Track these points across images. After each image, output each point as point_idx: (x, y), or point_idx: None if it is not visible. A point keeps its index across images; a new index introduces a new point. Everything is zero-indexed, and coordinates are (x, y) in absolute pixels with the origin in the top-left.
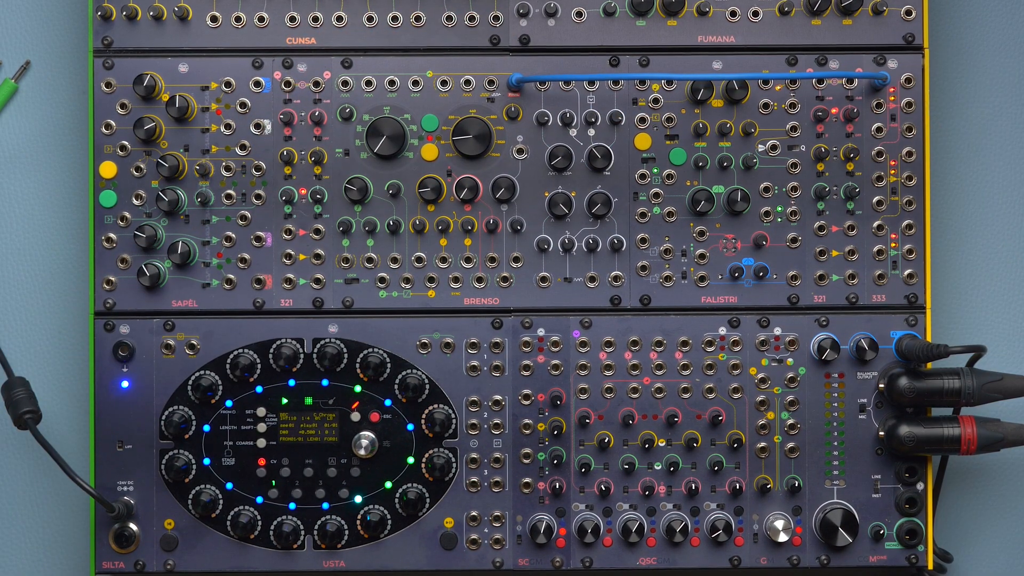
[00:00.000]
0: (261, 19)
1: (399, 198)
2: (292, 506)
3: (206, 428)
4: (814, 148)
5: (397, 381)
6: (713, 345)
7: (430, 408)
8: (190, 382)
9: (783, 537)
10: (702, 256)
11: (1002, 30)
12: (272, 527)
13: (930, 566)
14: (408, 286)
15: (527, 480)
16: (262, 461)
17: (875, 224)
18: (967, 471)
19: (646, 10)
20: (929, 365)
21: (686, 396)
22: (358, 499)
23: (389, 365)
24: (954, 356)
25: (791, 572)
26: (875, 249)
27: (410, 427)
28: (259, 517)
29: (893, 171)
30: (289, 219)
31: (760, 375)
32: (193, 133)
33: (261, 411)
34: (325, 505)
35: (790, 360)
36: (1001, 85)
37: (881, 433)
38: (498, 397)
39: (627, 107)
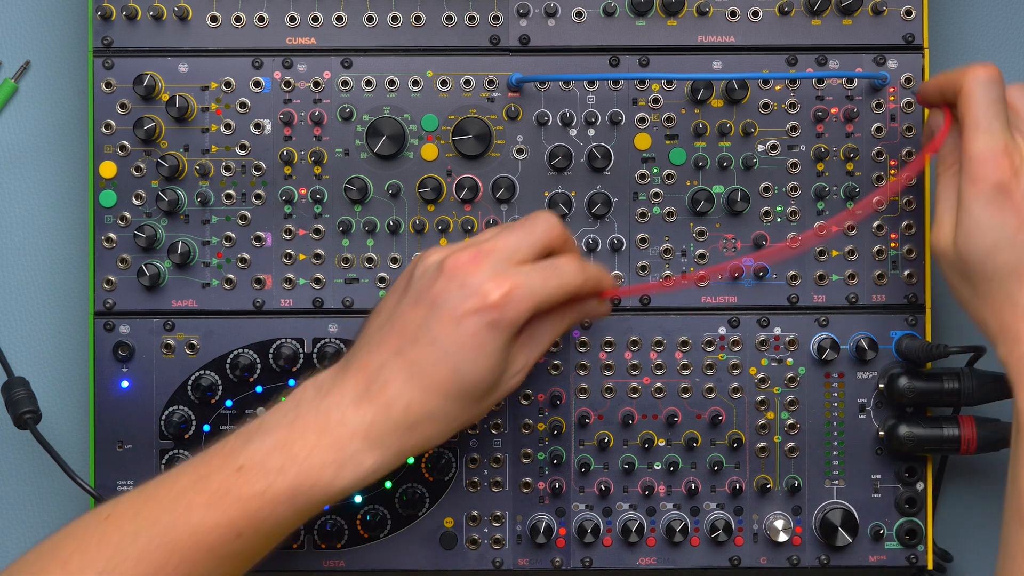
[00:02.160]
0: (261, 19)
1: (399, 198)
2: None
3: (206, 428)
4: (814, 148)
5: None
6: (713, 345)
7: None
8: (190, 382)
9: (783, 537)
10: (702, 256)
11: (1002, 30)
12: None
13: (930, 566)
14: None
15: (527, 480)
16: None
17: (875, 224)
18: (967, 471)
19: (646, 10)
20: (929, 365)
21: (686, 396)
22: (358, 499)
23: None
24: (954, 356)
25: (791, 572)
26: (875, 249)
27: None
28: None
29: (893, 171)
30: (289, 219)
31: (760, 375)
32: (193, 133)
33: (261, 411)
34: (325, 505)
35: (790, 360)
36: None
37: (881, 433)
38: None
39: (627, 107)
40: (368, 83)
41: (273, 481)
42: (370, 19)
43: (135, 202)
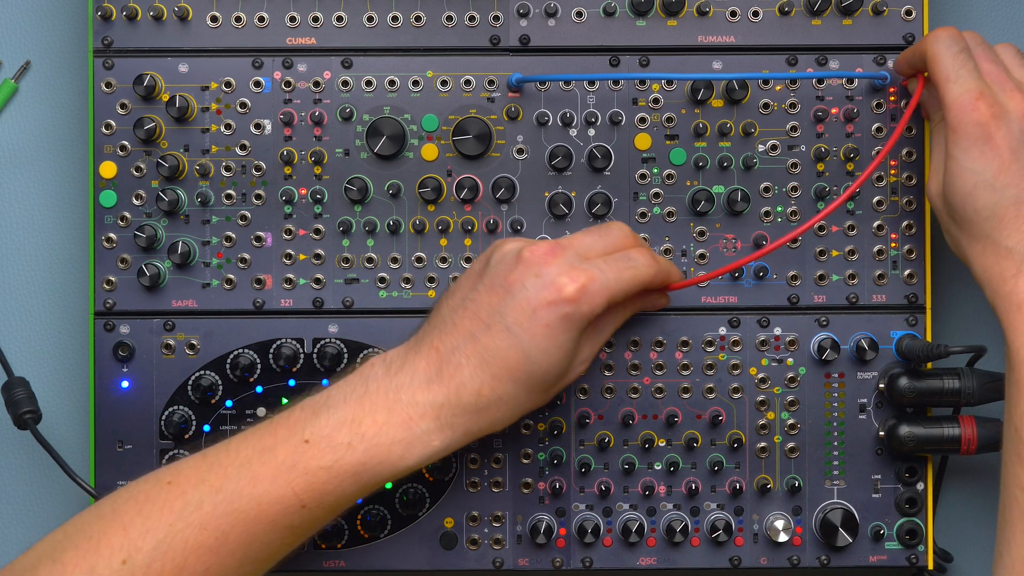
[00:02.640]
0: (261, 19)
1: (399, 198)
2: None
3: (206, 428)
4: (814, 148)
5: None
6: (713, 345)
7: None
8: (190, 382)
9: (783, 537)
10: (702, 256)
11: (1002, 30)
12: None
13: (930, 566)
14: (408, 286)
15: (527, 480)
16: None
17: (875, 224)
18: (967, 471)
19: (646, 10)
20: (929, 365)
21: (686, 396)
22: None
23: None
24: (954, 356)
25: (791, 572)
26: (875, 249)
27: None
28: None
29: (893, 171)
30: (289, 219)
31: (760, 375)
32: (193, 133)
33: (261, 411)
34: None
35: (790, 360)
36: None
37: (881, 433)
38: None
39: (627, 107)
40: (368, 83)
41: (341, 456)
42: (370, 19)
43: (135, 202)
